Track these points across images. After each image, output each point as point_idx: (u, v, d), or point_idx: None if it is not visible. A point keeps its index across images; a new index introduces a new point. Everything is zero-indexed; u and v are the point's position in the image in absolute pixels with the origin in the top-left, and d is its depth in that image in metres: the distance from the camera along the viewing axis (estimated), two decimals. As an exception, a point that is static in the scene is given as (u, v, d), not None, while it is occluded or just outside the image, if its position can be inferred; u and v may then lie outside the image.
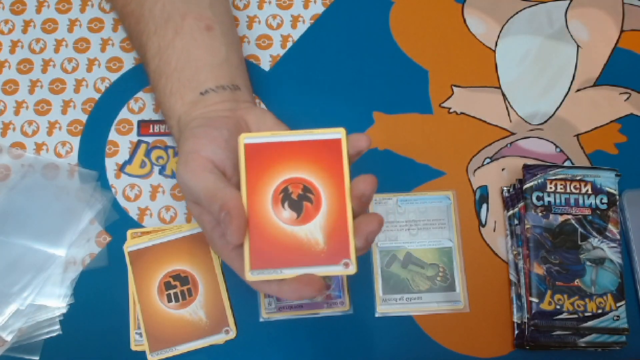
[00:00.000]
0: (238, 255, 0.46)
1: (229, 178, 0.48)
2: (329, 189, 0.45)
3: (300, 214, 0.45)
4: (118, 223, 0.59)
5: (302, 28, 0.65)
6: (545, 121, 0.62)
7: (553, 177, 0.57)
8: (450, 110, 0.62)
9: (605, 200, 0.57)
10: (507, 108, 0.62)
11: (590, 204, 0.57)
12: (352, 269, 0.44)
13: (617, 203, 0.57)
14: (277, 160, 0.46)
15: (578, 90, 0.63)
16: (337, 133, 0.46)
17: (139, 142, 0.61)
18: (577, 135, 0.61)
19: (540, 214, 0.56)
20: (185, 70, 0.53)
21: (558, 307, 0.54)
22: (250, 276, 0.44)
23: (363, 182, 0.44)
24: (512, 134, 0.61)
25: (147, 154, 0.61)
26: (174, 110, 0.53)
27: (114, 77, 0.63)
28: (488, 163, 0.61)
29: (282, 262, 0.44)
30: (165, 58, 0.54)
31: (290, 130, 0.51)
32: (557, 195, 0.57)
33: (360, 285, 0.57)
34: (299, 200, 0.45)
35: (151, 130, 0.61)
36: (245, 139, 0.47)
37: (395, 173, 0.60)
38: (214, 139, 0.48)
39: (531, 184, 0.57)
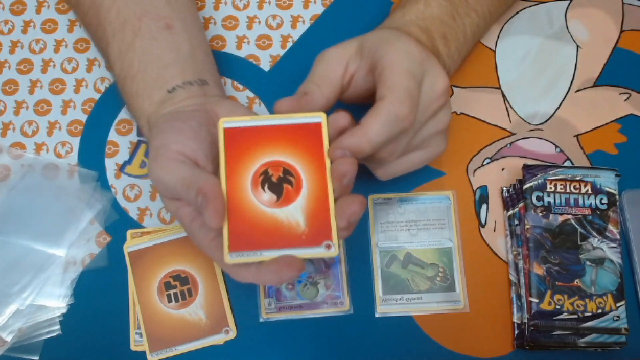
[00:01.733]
0: (218, 245, 0.45)
1: (203, 167, 0.47)
2: (309, 171, 0.45)
3: (280, 196, 0.45)
4: (118, 223, 0.59)
5: (302, 28, 0.65)
6: (545, 121, 0.62)
7: (553, 177, 0.57)
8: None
9: (605, 200, 0.57)
10: (507, 108, 0.62)
11: (590, 204, 0.57)
12: (333, 251, 0.44)
13: (617, 203, 0.57)
14: (256, 143, 0.46)
15: (578, 90, 0.63)
16: (318, 117, 0.46)
17: (139, 142, 0.61)
18: (577, 135, 0.61)
19: (540, 214, 0.56)
20: (149, 71, 0.53)
21: (558, 307, 0.54)
22: (229, 259, 0.44)
23: (343, 162, 0.44)
24: (512, 134, 0.61)
25: (147, 154, 0.60)
26: (143, 110, 0.53)
27: (113, 77, 0.63)
28: (488, 163, 0.61)
29: (262, 244, 0.44)
30: (127, 61, 0.54)
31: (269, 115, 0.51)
32: (557, 196, 0.57)
33: (360, 285, 0.57)
34: (279, 182, 0.45)
35: (151, 131, 0.61)
36: (224, 123, 0.46)
37: (395, 173, 0.60)
38: (182, 130, 0.48)
39: (531, 184, 0.57)
